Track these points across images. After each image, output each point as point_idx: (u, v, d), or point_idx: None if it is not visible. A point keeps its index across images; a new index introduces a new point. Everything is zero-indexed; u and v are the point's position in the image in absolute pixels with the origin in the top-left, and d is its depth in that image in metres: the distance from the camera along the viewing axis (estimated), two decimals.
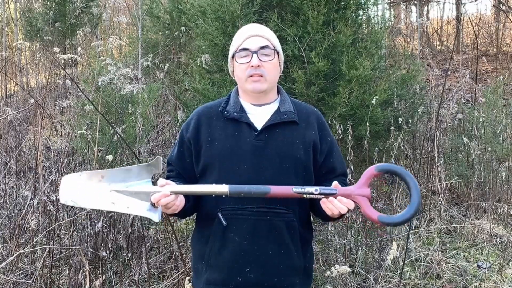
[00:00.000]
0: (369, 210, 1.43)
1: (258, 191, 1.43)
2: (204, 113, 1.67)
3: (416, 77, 4.40)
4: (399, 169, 1.46)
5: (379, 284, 3.04)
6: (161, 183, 1.48)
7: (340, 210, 1.44)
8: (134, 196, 1.51)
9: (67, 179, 1.54)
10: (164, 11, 6.54)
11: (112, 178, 1.53)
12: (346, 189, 1.45)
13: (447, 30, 11.46)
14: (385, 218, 1.43)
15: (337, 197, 1.44)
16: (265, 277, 1.57)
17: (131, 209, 1.51)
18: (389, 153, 3.79)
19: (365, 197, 1.44)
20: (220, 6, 3.61)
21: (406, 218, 1.41)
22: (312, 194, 1.43)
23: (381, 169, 1.47)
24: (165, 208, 1.51)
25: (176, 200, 1.49)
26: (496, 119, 4.50)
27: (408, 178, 1.44)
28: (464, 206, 4.24)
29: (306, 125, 1.64)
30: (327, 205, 1.46)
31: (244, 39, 1.61)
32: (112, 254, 3.09)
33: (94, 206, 1.57)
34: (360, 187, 1.45)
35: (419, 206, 1.41)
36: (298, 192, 1.42)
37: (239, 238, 1.55)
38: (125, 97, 3.90)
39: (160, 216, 1.53)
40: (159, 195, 1.46)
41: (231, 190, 1.43)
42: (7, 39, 9.07)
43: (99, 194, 1.51)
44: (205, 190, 1.48)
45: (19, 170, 4.18)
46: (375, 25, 4.24)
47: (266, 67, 1.58)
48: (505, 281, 3.16)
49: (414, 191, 1.42)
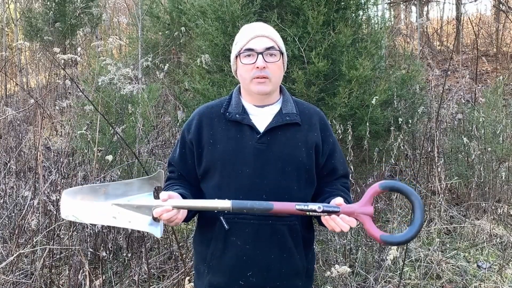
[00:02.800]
0: (372, 229, 1.43)
1: (261, 207, 1.42)
2: (206, 114, 1.64)
3: (416, 77, 4.40)
4: (404, 187, 1.46)
5: (379, 284, 3.04)
6: (163, 197, 1.45)
7: (342, 228, 1.43)
8: (135, 210, 1.50)
9: (68, 193, 1.52)
10: (164, 11, 6.54)
11: (113, 192, 1.52)
12: (349, 207, 1.45)
13: (447, 30, 11.46)
14: (388, 237, 1.43)
15: (340, 215, 1.43)
16: (267, 281, 1.56)
17: (132, 223, 1.50)
18: (389, 153, 3.78)
19: (368, 215, 1.44)
20: (220, 6, 3.61)
21: (408, 238, 1.42)
22: (315, 212, 1.43)
23: (385, 187, 1.46)
24: (168, 222, 1.49)
25: (178, 214, 1.47)
26: (496, 119, 4.50)
27: (413, 197, 1.43)
28: (464, 206, 4.24)
29: (309, 127, 1.62)
30: (329, 222, 1.44)
31: (249, 39, 1.58)
32: (112, 254, 3.09)
33: (96, 221, 1.55)
34: (363, 205, 1.44)
35: (421, 226, 1.42)
36: (301, 209, 1.42)
37: (241, 242, 1.55)
38: (125, 97, 3.90)
39: (162, 231, 1.53)
40: (161, 210, 1.44)
41: (233, 206, 1.42)
42: (7, 39, 9.06)
43: (100, 209, 1.50)
44: (207, 206, 1.47)
45: (19, 170, 4.18)
46: (375, 25, 4.23)
47: (271, 68, 1.56)
48: (505, 281, 3.16)
49: (418, 210, 1.42)
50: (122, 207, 1.50)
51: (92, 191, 1.52)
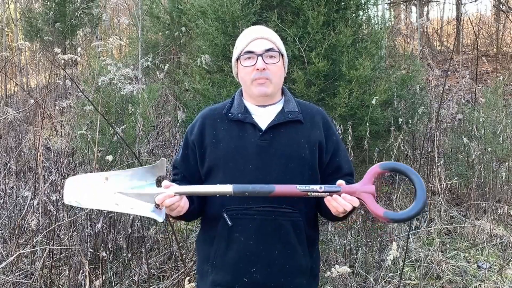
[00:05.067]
0: (375, 207, 1.43)
1: (262, 190, 1.43)
2: (209, 116, 1.66)
3: (416, 78, 4.40)
4: (403, 167, 1.47)
5: (379, 285, 3.04)
6: (166, 184, 1.48)
7: (344, 207, 1.43)
8: (138, 197, 1.51)
9: (72, 180, 1.54)
10: (164, 11, 6.54)
11: (116, 180, 1.53)
12: (350, 187, 1.45)
13: (447, 31, 11.46)
14: (391, 214, 1.43)
15: (341, 195, 1.44)
16: (271, 278, 1.56)
17: (135, 210, 1.51)
18: (389, 153, 3.79)
19: (370, 194, 1.44)
20: (220, 6, 3.61)
21: (412, 214, 1.42)
22: (316, 192, 1.43)
23: (386, 167, 1.47)
24: (170, 210, 1.50)
25: (180, 201, 1.49)
26: (496, 120, 4.50)
27: (412, 176, 1.44)
28: (464, 206, 4.24)
29: (311, 125, 1.63)
30: (331, 203, 1.45)
31: (248, 42, 1.59)
32: (112, 254, 3.09)
33: (98, 206, 1.57)
34: (365, 184, 1.45)
35: (425, 202, 1.42)
36: (303, 190, 1.42)
37: (244, 238, 1.55)
38: (125, 97, 3.90)
39: (164, 216, 1.53)
40: (163, 196, 1.46)
41: (235, 190, 1.43)
42: (7, 39, 9.07)
43: (103, 195, 1.51)
44: (209, 190, 1.48)
45: (19, 171, 4.18)
46: (375, 26, 4.23)
47: (271, 70, 1.57)
48: (505, 282, 3.16)
49: (419, 188, 1.42)
50: (125, 195, 1.52)
51: (96, 178, 1.54)
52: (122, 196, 1.51)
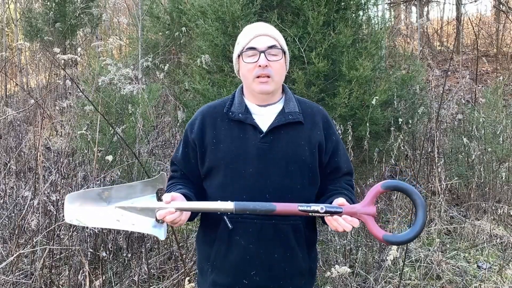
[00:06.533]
0: (375, 229, 1.44)
1: (263, 208, 1.43)
2: (209, 114, 1.65)
3: (416, 78, 4.40)
4: (406, 186, 1.45)
5: (379, 285, 3.04)
6: (167, 199, 1.46)
7: (344, 228, 1.44)
8: (139, 212, 1.51)
9: (71, 197, 1.53)
10: (164, 11, 6.54)
11: (116, 195, 1.53)
12: (351, 208, 1.45)
13: (447, 31, 11.46)
14: (390, 237, 1.44)
15: (342, 216, 1.44)
16: (271, 281, 1.57)
17: (136, 226, 1.51)
18: (389, 153, 3.78)
19: (371, 215, 1.44)
20: (220, 6, 3.61)
21: (410, 237, 1.42)
22: (317, 213, 1.43)
23: (388, 187, 1.45)
24: (171, 223, 1.50)
25: (181, 216, 1.48)
26: (496, 120, 4.50)
27: (415, 196, 1.43)
28: (464, 206, 4.24)
29: (312, 125, 1.62)
30: (332, 223, 1.45)
31: (251, 38, 1.58)
32: (112, 254, 3.09)
33: (100, 224, 1.57)
34: (366, 205, 1.45)
35: (424, 225, 1.42)
36: (304, 210, 1.43)
37: (245, 241, 1.55)
38: (125, 97, 3.90)
39: (166, 233, 1.53)
40: (164, 212, 1.45)
41: (236, 207, 1.43)
42: (7, 39, 9.06)
43: (104, 212, 1.51)
44: (210, 207, 1.48)
45: (19, 171, 4.18)
46: (375, 26, 4.23)
47: (274, 67, 1.56)
48: (505, 282, 3.16)
49: (420, 210, 1.42)
50: (125, 210, 1.51)
51: (95, 194, 1.52)
52: (122, 212, 1.51)
